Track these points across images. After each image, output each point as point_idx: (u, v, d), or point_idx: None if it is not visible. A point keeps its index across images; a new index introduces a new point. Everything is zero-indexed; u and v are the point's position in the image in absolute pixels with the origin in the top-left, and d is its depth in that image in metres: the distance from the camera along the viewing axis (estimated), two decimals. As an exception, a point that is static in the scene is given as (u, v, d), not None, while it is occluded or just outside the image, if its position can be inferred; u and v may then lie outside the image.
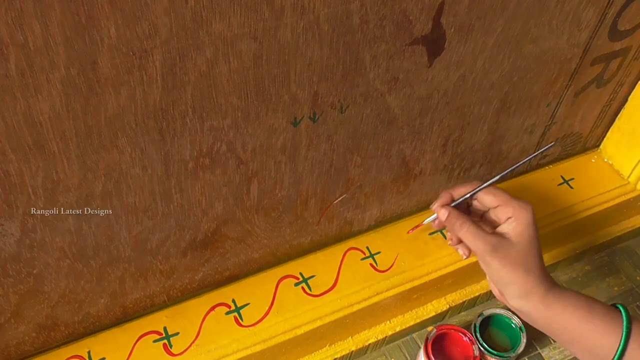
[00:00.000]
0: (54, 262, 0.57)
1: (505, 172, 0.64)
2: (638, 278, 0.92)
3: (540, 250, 0.60)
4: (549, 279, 0.60)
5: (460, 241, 0.64)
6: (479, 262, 0.61)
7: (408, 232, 0.75)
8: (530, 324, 0.61)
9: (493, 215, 0.63)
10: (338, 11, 0.50)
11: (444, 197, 0.64)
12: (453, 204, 0.63)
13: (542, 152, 0.64)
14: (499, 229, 0.61)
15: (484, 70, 0.66)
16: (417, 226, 0.71)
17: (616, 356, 0.54)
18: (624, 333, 0.55)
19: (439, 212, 0.63)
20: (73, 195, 0.52)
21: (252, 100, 0.53)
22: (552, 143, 0.66)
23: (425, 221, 0.66)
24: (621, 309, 0.58)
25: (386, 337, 0.79)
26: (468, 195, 0.63)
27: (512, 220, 0.60)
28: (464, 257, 0.64)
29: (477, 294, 0.83)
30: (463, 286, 0.83)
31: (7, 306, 0.58)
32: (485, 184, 0.62)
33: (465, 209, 0.65)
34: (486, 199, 0.63)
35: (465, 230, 0.60)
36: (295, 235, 0.72)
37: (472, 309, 0.86)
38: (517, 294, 0.59)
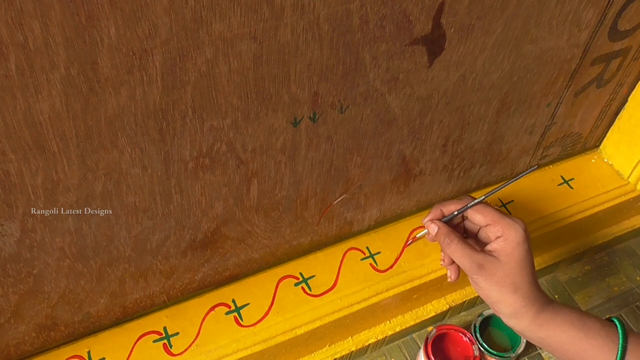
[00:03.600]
0: (54, 262, 0.57)
1: (493, 191, 0.63)
2: (638, 278, 0.92)
3: (532, 269, 0.59)
4: (542, 298, 0.59)
5: (452, 262, 0.63)
6: (469, 279, 0.61)
7: (405, 246, 0.74)
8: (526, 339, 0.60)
9: (484, 233, 0.62)
10: (338, 11, 0.50)
11: (434, 212, 0.63)
12: (443, 220, 0.63)
13: (526, 174, 0.63)
14: (488, 247, 0.60)
15: (484, 71, 0.66)
16: (412, 240, 0.70)
17: None
18: (620, 351, 0.55)
19: (429, 227, 0.62)
20: (73, 195, 0.52)
21: (252, 100, 0.53)
22: (535, 167, 0.65)
23: (419, 235, 0.66)
24: (617, 323, 0.57)
25: (386, 337, 0.79)
26: (456, 213, 0.62)
27: (502, 239, 0.59)
28: (450, 279, 0.63)
29: (477, 294, 0.83)
30: (463, 286, 0.83)
31: (7, 306, 0.58)
32: (473, 203, 0.61)
33: (459, 226, 0.65)
34: (476, 218, 0.62)
35: (454, 247, 0.59)
36: (295, 236, 0.72)
37: (472, 309, 0.86)
38: (507, 313, 0.59)
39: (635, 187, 0.90)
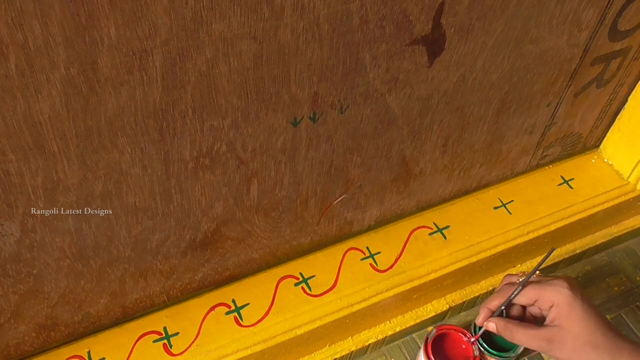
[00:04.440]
0: (54, 262, 0.57)
1: (528, 277, 0.64)
2: (638, 278, 0.92)
3: (600, 320, 0.59)
4: (628, 346, 0.58)
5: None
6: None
7: (472, 343, 0.73)
8: None
9: (535, 309, 0.64)
10: (338, 11, 0.50)
11: (484, 313, 0.66)
12: (494, 315, 0.65)
13: (545, 259, 0.67)
14: (547, 320, 0.61)
15: (484, 71, 0.66)
16: (476, 337, 0.71)
17: None
18: None
19: (487, 326, 0.65)
20: (73, 195, 0.52)
21: (252, 100, 0.53)
22: (553, 249, 0.68)
23: (480, 331, 0.69)
24: None
25: (386, 337, 0.79)
26: (503, 307, 0.65)
27: (555, 307, 0.60)
28: None
29: (477, 294, 0.83)
30: (463, 286, 0.83)
31: (7, 306, 0.58)
32: (515, 293, 0.63)
33: (509, 310, 0.66)
34: (521, 300, 0.63)
35: (518, 337, 0.61)
36: (295, 235, 0.72)
37: (472, 309, 0.86)
38: None
39: (635, 187, 0.90)
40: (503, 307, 0.65)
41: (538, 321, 0.65)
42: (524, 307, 0.65)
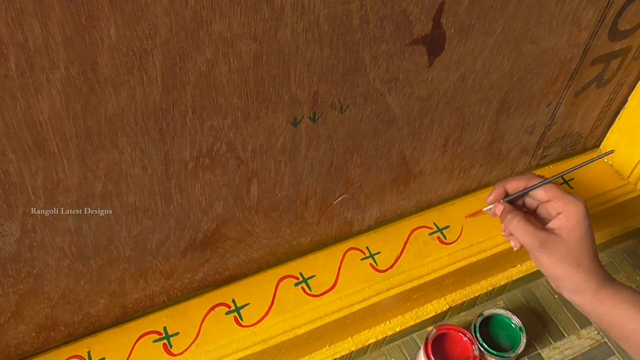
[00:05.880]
0: (54, 262, 0.57)
1: (564, 172, 0.64)
2: (638, 278, 0.92)
3: (593, 245, 0.60)
4: (603, 274, 0.60)
5: (512, 233, 0.64)
6: (530, 256, 0.61)
7: (466, 217, 0.74)
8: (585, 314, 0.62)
9: (544, 209, 0.63)
10: (338, 11, 0.50)
11: (497, 190, 0.64)
12: (507, 199, 0.64)
13: (601, 157, 0.66)
14: (550, 225, 0.61)
15: (484, 71, 0.66)
16: (476, 213, 0.70)
17: None
18: None
19: (496, 207, 0.64)
20: (73, 195, 0.52)
21: (252, 100, 0.53)
22: (612, 151, 0.66)
23: (484, 209, 0.67)
24: None
25: (386, 337, 0.79)
26: (523, 192, 0.63)
27: (562, 216, 0.59)
28: (515, 248, 0.64)
29: (477, 294, 0.83)
30: (463, 286, 0.83)
31: (7, 306, 0.58)
32: (541, 183, 0.62)
33: (518, 201, 0.65)
34: (537, 193, 0.62)
35: (515, 224, 0.60)
36: (295, 235, 0.72)
37: (472, 309, 0.86)
38: (569, 289, 0.60)
39: (635, 187, 0.90)
40: (524, 192, 0.63)
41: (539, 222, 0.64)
42: (533, 212, 0.65)
